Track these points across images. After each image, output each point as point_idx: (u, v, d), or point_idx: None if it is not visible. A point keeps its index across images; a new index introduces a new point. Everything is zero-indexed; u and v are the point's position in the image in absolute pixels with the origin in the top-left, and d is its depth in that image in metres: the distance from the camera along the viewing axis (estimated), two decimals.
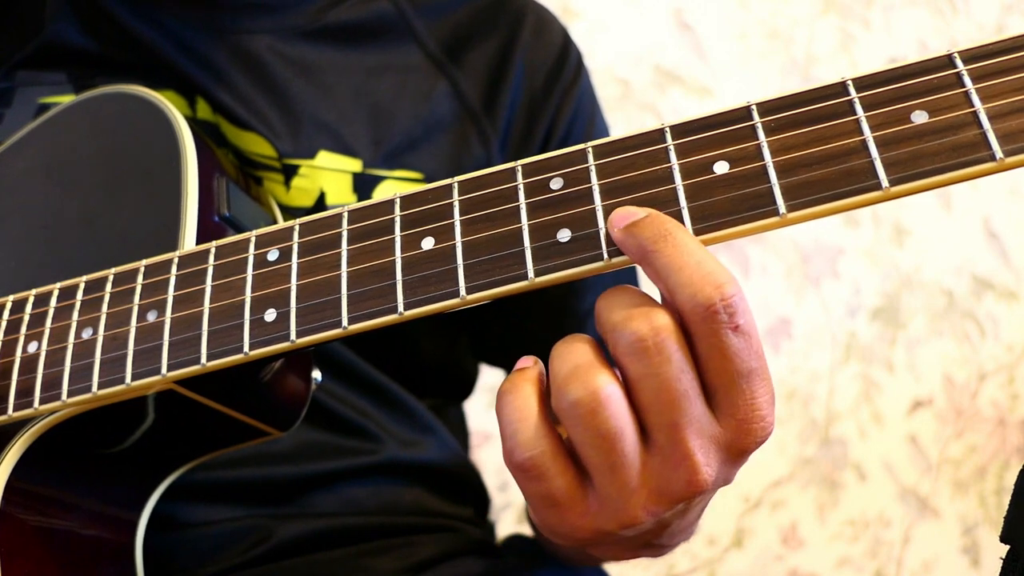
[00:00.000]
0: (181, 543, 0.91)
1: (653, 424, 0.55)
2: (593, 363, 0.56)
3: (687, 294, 0.53)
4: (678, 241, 0.54)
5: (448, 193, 0.62)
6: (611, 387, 0.55)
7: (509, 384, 0.59)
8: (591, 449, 0.56)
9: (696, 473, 0.55)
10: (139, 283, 0.70)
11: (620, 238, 0.56)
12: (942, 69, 0.53)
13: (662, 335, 0.54)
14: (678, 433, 0.55)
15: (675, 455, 0.55)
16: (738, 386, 0.54)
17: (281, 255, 0.65)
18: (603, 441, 0.55)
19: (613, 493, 0.57)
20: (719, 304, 0.52)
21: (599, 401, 0.54)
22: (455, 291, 0.59)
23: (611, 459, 0.56)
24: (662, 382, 0.54)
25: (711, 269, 0.53)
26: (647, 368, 0.54)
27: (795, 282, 2.08)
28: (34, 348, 0.72)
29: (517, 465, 0.57)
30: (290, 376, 0.80)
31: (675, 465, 0.56)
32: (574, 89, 1.11)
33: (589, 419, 0.55)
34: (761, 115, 0.56)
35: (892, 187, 0.52)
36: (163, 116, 0.84)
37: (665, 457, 0.56)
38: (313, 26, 1.04)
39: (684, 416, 0.54)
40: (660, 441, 0.55)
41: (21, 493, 0.72)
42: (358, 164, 0.99)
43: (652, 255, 0.55)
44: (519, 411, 0.57)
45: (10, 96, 1.00)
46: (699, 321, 0.53)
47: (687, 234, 0.55)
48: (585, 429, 0.55)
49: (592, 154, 0.59)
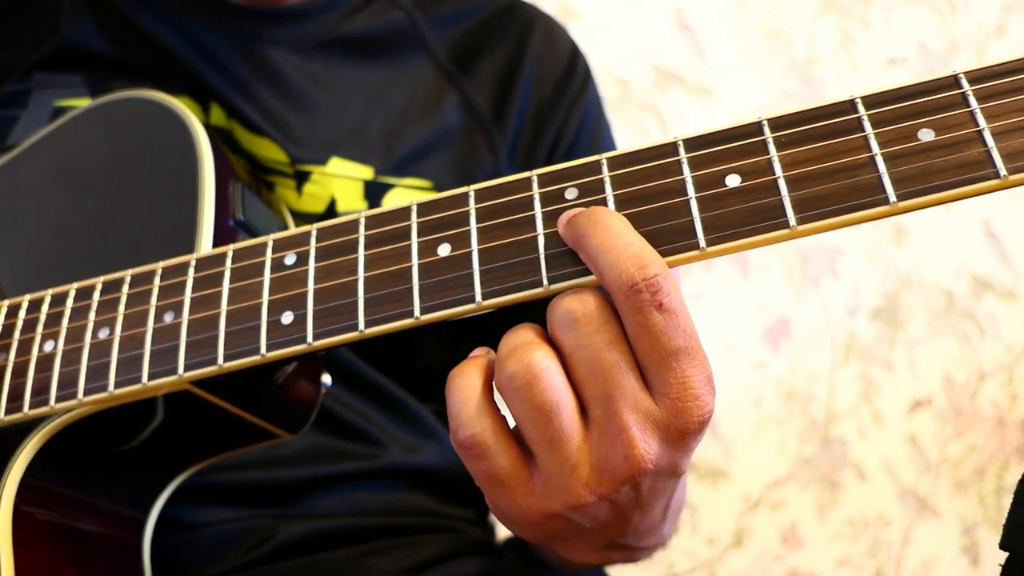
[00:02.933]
0: (185, 543, 0.92)
1: (589, 398, 0.57)
2: (532, 341, 0.57)
3: (612, 274, 0.55)
4: (606, 225, 0.56)
5: (464, 201, 0.63)
6: (546, 361, 0.56)
7: (457, 369, 0.60)
8: (530, 424, 0.57)
9: (632, 447, 0.56)
10: (156, 284, 0.71)
11: (563, 232, 0.59)
12: (948, 89, 0.55)
13: (590, 307, 0.56)
14: (612, 405, 0.56)
15: (611, 429, 0.56)
16: (668, 364, 0.55)
17: (299, 259, 0.66)
18: (540, 414, 0.57)
19: (555, 469, 0.58)
20: (642, 283, 0.54)
21: (534, 374, 0.56)
22: (471, 296, 0.60)
23: (549, 432, 0.57)
24: (593, 352, 0.56)
25: (636, 251, 0.55)
26: (577, 339, 0.56)
27: (795, 282, 2.09)
28: (50, 347, 0.73)
29: (460, 443, 0.59)
30: (302, 380, 0.81)
31: (612, 439, 0.56)
32: (581, 99, 1.12)
33: (525, 392, 0.56)
34: (772, 130, 0.57)
35: (900, 202, 0.53)
36: (180, 121, 0.85)
37: (602, 431, 0.57)
38: (329, 36, 1.05)
39: (617, 388, 0.56)
40: (597, 415, 0.57)
41: (34, 490, 0.72)
42: (369, 172, 1.00)
43: (583, 239, 0.57)
44: (463, 392, 0.59)
45: (26, 98, 1.01)
46: (623, 300, 0.55)
47: (617, 218, 0.57)
48: (522, 402, 0.57)
49: (607, 165, 0.60)
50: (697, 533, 1.96)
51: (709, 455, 1.98)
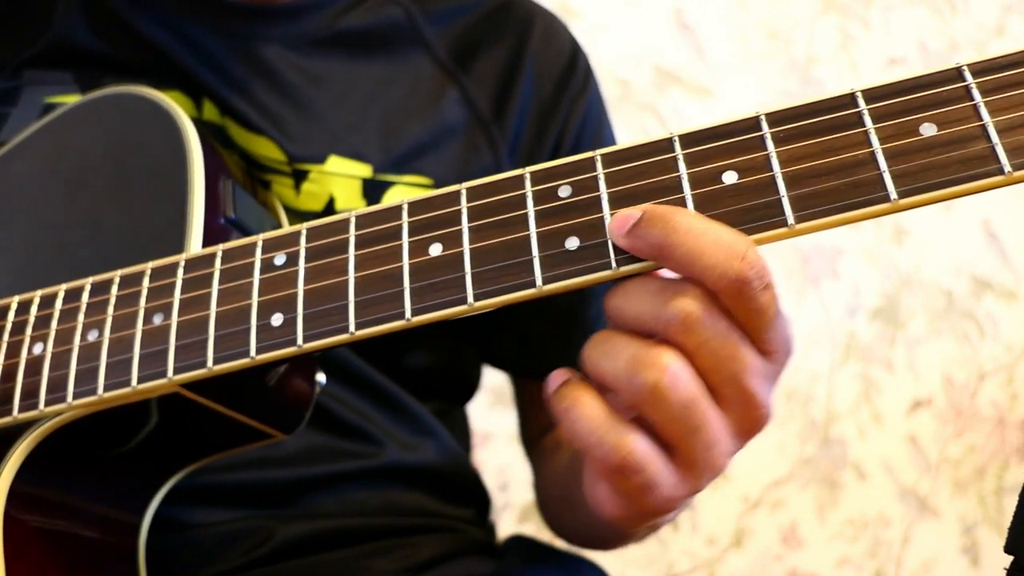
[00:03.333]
0: (182, 544, 0.91)
1: (717, 382, 0.58)
2: (648, 347, 0.58)
3: (717, 274, 0.55)
4: (687, 227, 0.55)
5: (456, 199, 0.62)
6: (678, 359, 0.57)
7: (567, 401, 0.60)
8: (677, 423, 0.58)
9: (762, 408, 0.59)
10: (145, 286, 0.70)
11: (628, 244, 0.57)
12: (951, 82, 0.53)
13: (703, 303, 0.56)
14: (743, 381, 0.58)
15: (745, 400, 0.58)
16: (775, 327, 0.57)
17: (288, 259, 0.65)
18: (685, 409, 0.57)
19: (702, 452, 0.59)
20: (750, 272, 0.55)
21: (674, 375, 0.57)
22: (463, 298, 0.59)
23: (694, 422, 0.58)
24: (717, 344, 0.57)
25: (729, 242, 0.55)
26: (702, 336, 0.57)
27: (795, 282, 2.08)
28: (39, 350, 0.72)
29: (616, 467, 0.59)
30: (295, 379, 0.80)
31: (746, 407, 0.59)
32: (583, 97, 1.11)
33: (671, 394, 0.57)
34: (770, 125, 0.56)
35: (901, 199, 0.52)
36: (169, 118, 0.84)
37: (735, 406, 0.59)
38: (325, 33, 1.04)
39: (743, 364, 0.58)
40: (728, 394, 0.58)
41: (25, 495, 0.72)
42: (368, 170, 0.99)
43: (669, 249, 0.56)
44: (592, 419, 0.59)
45: (16, 95, 1.00)
46: (735, 294, 0.55)
47: (689, 215, 0.56)
48: (669, 406, 0.57)
49: (601, 162, 0.59)
50: (697, 533, 1.96)
51: None
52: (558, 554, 1.03)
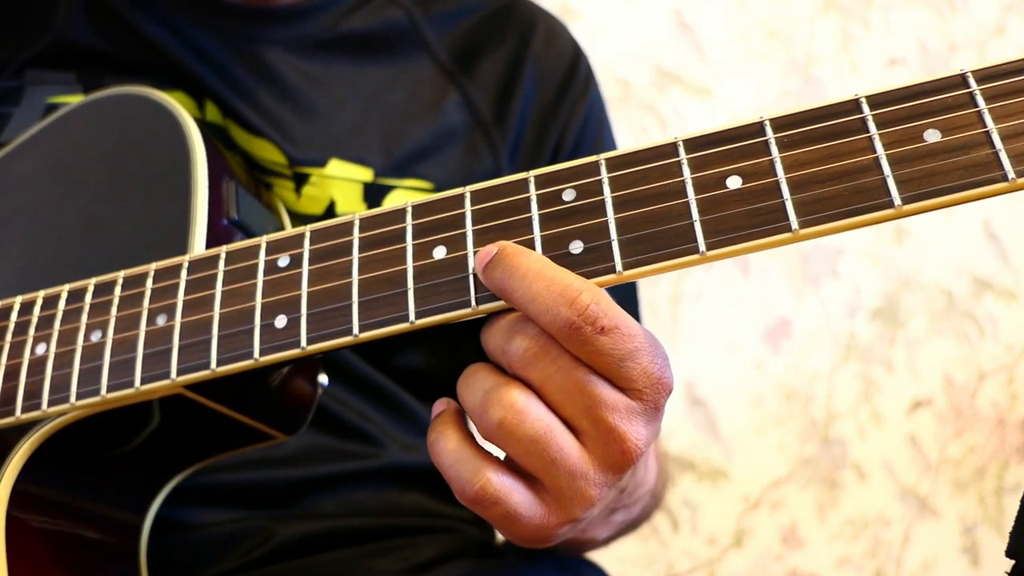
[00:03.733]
0: (182, 545, 0.91)
1: (573, 415, 0.58)
2: (499, 383, 0.59)
3: (547, 320, 0.56)
4: (524, 272, 0.57)
5: (460, 203, 0.62)
6: (523, 396, 0.58)
7: (435, 433, 0.62)
8: (529, 455, 0.59)
9: (626, 442, 0.58)
10: (149, 287, 0.70)
11: (484, 281, 0.59)
12: (955, 88, 0.54)
13: (540, 340, 0.57)
14: (596, 413, 0.58)
15: (602, 433, 0.58)
16: (626, 366, 0.57)
17: (292, 261, 0.65)
18: (537, 443, 0.58)
19: (565, 483, 0.59)
20: (578, 320, 0.55)
21: (518, 411, 0.58)
22: (467, 301, 0.59)
23: (551, 454, 0.58)
24: (563, 376, 0.57)
25: (562, 288, 0.56)
26: (544, 370, 0.58)
27: (795, 282, 2.08)
28: (42, 350, 0.72)
29: (472, 500, 0.60)
30: (298, 381, 0.80)
31: (606, 441, 0.58)
32: (584, 100, 1.11)
33: (518, 430, 0.58)
34: (774, 130, 0.56)
35: (905, 205, 0.52)
36: (173, 118, 0.84)
37: (595, 438, 0.59)
38: (327, 35, 1.04)
39: (594, 399, 0.57)
40: (585, 427, 0.58)
41: (28, 496, 0.72)
42: (369, 173, 0.99)
43: (506, 293, 0.58)
44: (452, 453, 0.60)
45: (19, 95, 1.00)
46: (567, 338, 0.56)
47: (533, 260, 0.57)
48: (518, 441, 0.58)
49: (605, 166, 0.59)
50: (697, 533, 1.96)
51: (709, 455, 1.97)
52: (557, 554, 1.03)
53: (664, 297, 1.98)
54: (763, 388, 2.02)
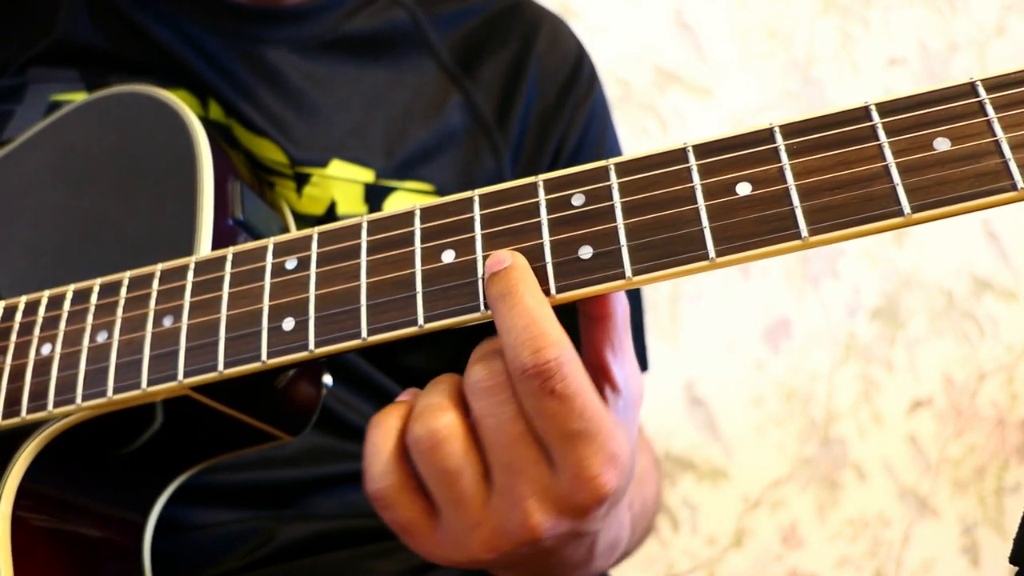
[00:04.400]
0: (184, 545, 0.91)
1: (494, 464, 0.58)
2: (442, 403, 0.59)
3: (510, 355, 0.56)
4: (515, 302, 0.56)
5: (469, 206, 0.62)
6: (451, 428, 0.58)
7: (376, 417, 0.62)
8: (434, 484, 0.59)
9: (529, 517, 0.58)
10: (155, 288, 0.70)
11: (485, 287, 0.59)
12: (965, 97, 0.54)
13: (497, 379, 0.57)
14: (513, 475, 0.58)
15: (511, 496, 0.58)
16: (563, 446, 0.56)
17: (299, 264, 0.65)
18: (443, 477, 0.58)
19: (456, 527, 0.60)
20: (532, 369, 0.55)
21: (437, 440, 0.58)
22: (475, 305, 0.59)
23: (452, 494, 0.58)
24: (499, 422, 0.57)
25: (535, 334, 0.55)
26: (486, 408, 0.57)
27: (795, 282, 2.08)
28: (48, 351, 0.72)
29: (369, 495, 0.61)
30: (303, 382, 0.80)
31: (510, 506, 0.58)
32: (587, 102, 1.11)
33: (429, 455, 0.58)
34: (784, 137, 0.56)
35: (914, 214, 0.52)
36: (177, 117, 0.84)
37: (502, 497, 0.58)
38: (330, 36, 1.04)
39: (519, 459, 0.57)
40: (499, 482, 0.58)
41: (32, 495, 0.72)
42: (370, 175, 0.99)
43: (494, 312, 0.58)
44: (376, 444, 0.61)
45: (21, 93, 1.00)
46: (518, 382, 0.56)
47: (531, 295, 0.57)
48: (426, 464, 0.58)
49: (614, 171, 0.59)
50: (697, 533, 1.96)
51: (709, 455, 1.97)
52: None
53: (664, 297, 1.98)
54: (763, 388, 2.02)
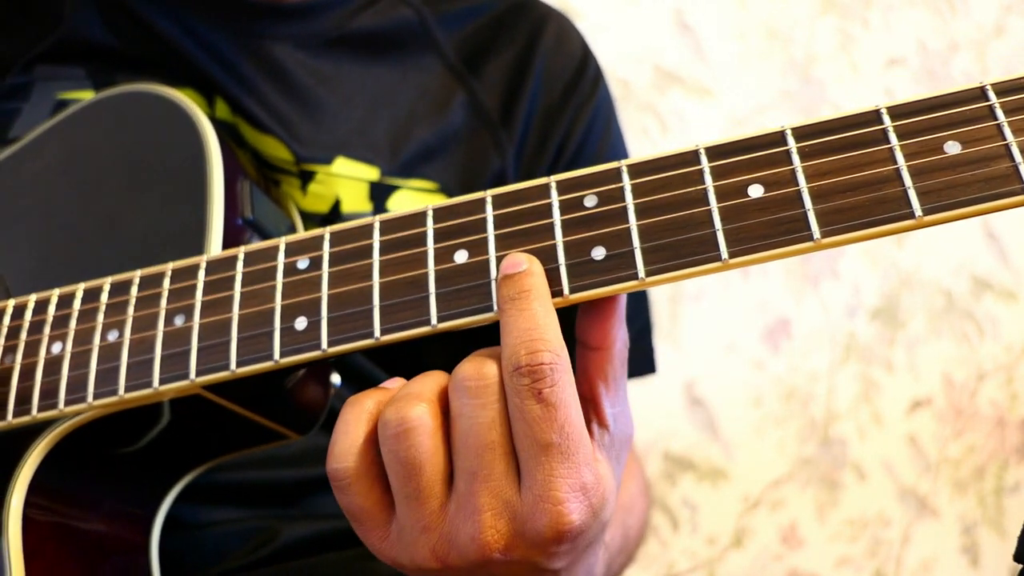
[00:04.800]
0: (187, 544, 0.91)
1: (458, 468, 0.57)
2: (422, 394, 0.58)
3: (506, 354, 0.56)
4: (524, 306, 0.56)
5: (482, 207, 0.62)
6: (422, 419, 0.57)
7: (354, 396, 0.61)
8: (393, 475, 0.58)
9: (481, 531, 0.56)
10: (166, 287, 0.70)
11: (496, 287, 0.59)
12: (975, 101, 0.54)
13: (485, 380, 0.56)
14: (475, 483, 0.56)
15: (468, 505, 0.56)
16: (537, 457, 0.55)
17: (311, 263, 0.65)
18: (403, 468, 0.57)
19: (407, 524, 0.58)
20: (525, 367, 0.54)
21: (405, 428, 0.56)
22: (489, 305, 0.60)
23: (408, 488, 0.57)
24: (472, 425, 0.56)
25: (536, 337, 0.55)
26: (463, 407, 0.57)
27: (794, 282, 2.08)
28: (58, 349, 0.72)
29: (328, 473, 0.59)
30: (312, 381, 0.80)
31: (465, 516, 0.56)
32: (590, 103, 1.11)
33: (393, 443, 0.57)
34: (796, 140, 0.57)
35: (926, 216, 0.52)
36: (187, 116, 0.84)
37: (459, 505, 0.57)
38: (336, 33, 1.04)
39: (484, 468, 0.56)
40: (460, 488, 0.57)
41: (44, 493, 0.72)
42: (375, 173, 0.99)
43: (501, 312, 0.58)
44: (346, 424, 0.60)
45: (28, 90, 1.00)
46: (508, 380, 0.55)
47: (540, 301, 0.57)
48: (389, 451, 0.57)
49: (627, 173, 0.60)
50: (697, 533, 1.96)
51: (709, 455, 1.98)
52: None
53: (664, 297, 1.98)
54: (763, 388, 2.03)
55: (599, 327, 0.59)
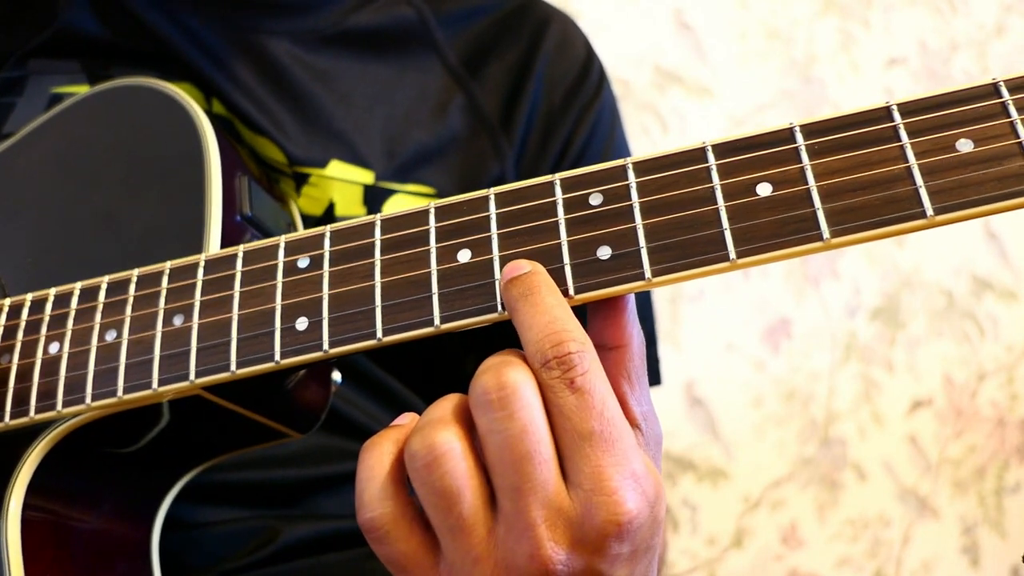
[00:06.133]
0: (188, 543, 0.91)
1: (499, 487, 0.54)
2: (445, 418, 0.55)
3: (531, 350, 0.54)
4: (538, 300, 0.55)
5: (485, 205, 0.61)
6: (451, 444, 0.54)
7: (370, 441, 0.58)
8: (432, 508, 0.54)
9: (539, 548, 0.52)
10: (164, 286, 0.69)
11: (502, 292, 0.57)
12: (988, 98, 0.53)
13: (507, 390, 0.53)
14: (521, 499, 0.53)
15: (518, 524, 0.53)
16: (581, 449, 0.52)
17: (312, 262, 0.64)
18: (440, 499, 0.54)
19: (457, 560, 0.55)
20: (553, 360, 0.52)
21: (435, 456, 0.53)
22: (493, 305, 0.59)
23: (450, 520, 0.54)
24: (505, 439, 0.53)
25: (559, 328, 0.53)
26: (491, 423, 0.53)
27: (795, 282, 2.08)
28: (55, 349, 0.71)
29: (362, 526, 0.56)
30: (313, 380, 0.79)
31: (518, 535, 0.53)
32: (593, 106, 1.09)
33: (426, 474, 0.53)
34: (805, 137, 0.56)
35: (937, 216, 0.51)
36: (183, 111, 0.83)
37: (509, 526, 0.53)
38: (334, 30, 1.03)
39: (528, 480, 0.52)
40: (505, 507, 0.53)
41: (42, 495, 0.71)
42: (370, 176, 0.98)
43: (514, 312, 0.56)
44: (370, 468, 0.57)
45: (22, 84, 0.99)
46: (538, 376, 0.53)
47: (552, 296, 0.55)
48: (422, 484, 0.54)
49: (632, 171, 0.59)
50: (697, 533, 1.96)
51: (709, 455, 1.97)
52: None
53: (664, 297, 1.97)
54: (763, 388, 2.02)
55: (614, 325, 0.58)
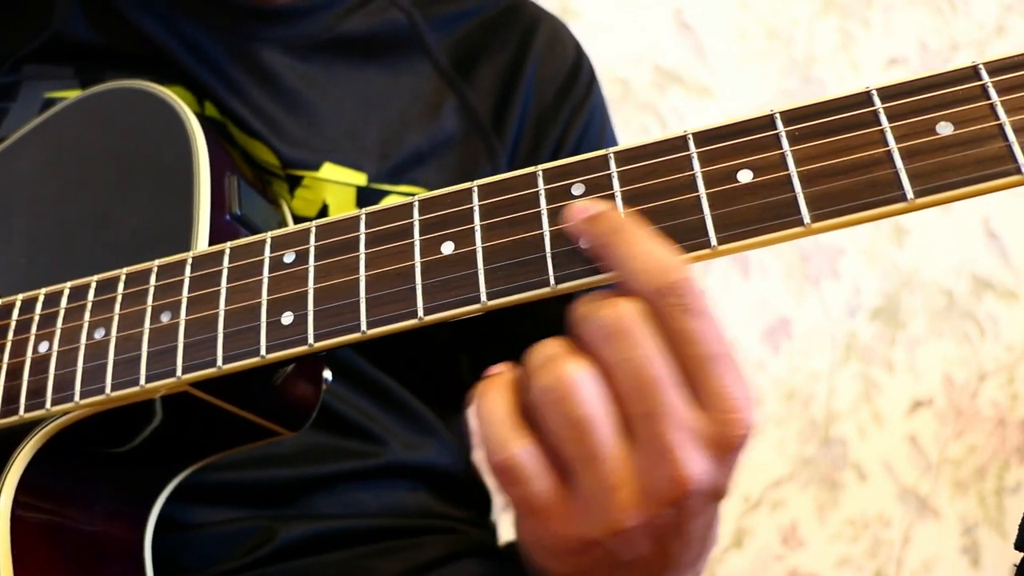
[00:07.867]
0: (183, 544, 0.91)
1: (632, 415, 0.54)
2: (563, 353, 0.55)
3: (641, 280, 0.54)
4: (631, 232, 0.55)
5: (468, 197, 0.62)
6: (581, 372, 0.54)
7: (481, 388, 0.58)
8: (567, 441, 0.55)
9: (679, 468, 0.53)
10: (152, 284, 0.69)
11: (577, 230, 0.57)
12: (968, 80, 0.53)
13: (627, 320, 0.53)
14: (657, 423, 0.53)
15: (656, 448, 0.53)
16: (707, 372, 0.53)
17: (298, 257, 0.65)
18: (576, 430, 0.54)
19: (595, 490, 0.55)
20: (666, 287, 0.53)
21: (568, 386, 0.54)
22: (476, 296, 0.59)
23: (587, 449, 0.54)
24: (634, 366, 0.53)
25: (658, 257, 0.54)
26: (618, 352, 0.54)
27: (795, 282, 2.08)
28: (45, 348, 0.72)
29: (495, 468, 0.56)
30: (303, 377, 0.79)
31: (657, 459, 0.54)
32: (585, 106, 1.09)
33: (560, 405, 0.54)
34: (785, 123, 0.56)
35: (917, 199, 0.51)
36: (174, 112, 0.84)
37: (646, 451, 0.54)
38: (326, 36, 1.03)
39: (661, 404, 0.53)
40: (640, 433, 0.54)
41: (32, 494, 0.71)
42: (363, 178, 0.98)
43: (607, 248, 0.55)
44: (492, 412, 0.57)
45: (16, 90, 1.00)
46: (655, 302, 0.53)
47: (640, 228, 0.55)
48: (557, 417, 0.54)
49: (614, 160, 0.59)
50: None
51: None
52: None
53: None
54: (763, 388, 2.02)
55: None
